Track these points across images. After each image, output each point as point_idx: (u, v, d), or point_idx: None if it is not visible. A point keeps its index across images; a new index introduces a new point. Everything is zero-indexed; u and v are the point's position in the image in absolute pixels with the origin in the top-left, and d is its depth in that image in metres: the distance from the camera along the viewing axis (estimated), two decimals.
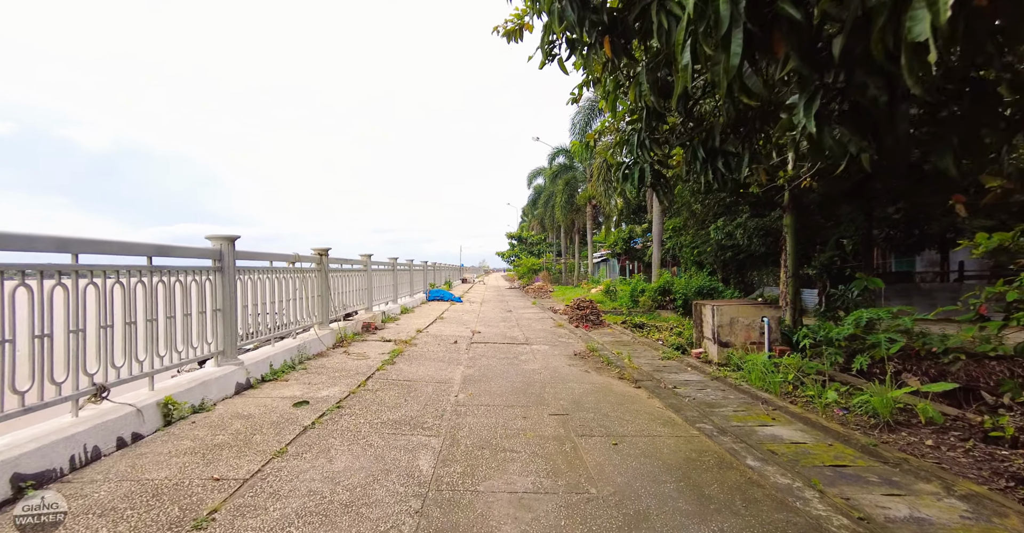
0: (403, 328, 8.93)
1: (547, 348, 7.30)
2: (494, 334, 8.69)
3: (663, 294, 13.47)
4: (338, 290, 7.50)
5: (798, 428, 3.92)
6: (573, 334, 9.01)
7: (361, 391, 4.43)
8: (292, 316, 5.63)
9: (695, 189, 10.10)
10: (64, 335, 2.62)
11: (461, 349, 6.97)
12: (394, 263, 11.84)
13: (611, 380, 5.30)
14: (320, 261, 6.67)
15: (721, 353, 7.29)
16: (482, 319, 11.32)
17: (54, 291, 2.54)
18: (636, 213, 28.95)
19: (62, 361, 2.59)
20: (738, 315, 7.41)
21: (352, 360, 5.80)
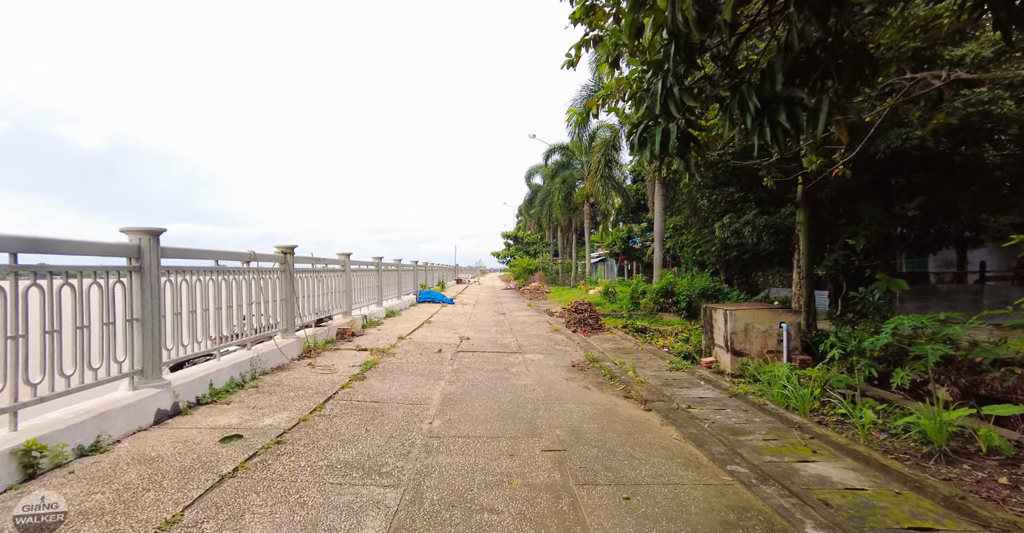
0: (384, 334, 8.15)
1: (542, 358, 6.54)
2: (484, 341, 7.93)
3: (666, 296, 12.75)
4: (308, 293, 6.72)
5: (848, 465, 3.18)
6: (570, 340, 8.26)
7: (315, 418, 3.66)
8: (246, 324, 4.85)
9: (700, 184, 9.39)
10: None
11: (445, 359, 6.20)
12: (379, 263, 11.06)
13: (615, 399, 4.55)
14: (284, 260, 5.89)
15: (735, 363, 6.57)
16: (473, 323, 10.55)
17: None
18: (635, 212, 28.28)
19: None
20: (754, 321, 6.69)
21: (316, 375, 5.03)
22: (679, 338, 9.05)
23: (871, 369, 5.18)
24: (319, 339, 6.60)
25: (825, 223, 10.89)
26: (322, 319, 7.26)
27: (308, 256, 6.82)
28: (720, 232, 11.67)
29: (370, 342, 7.19)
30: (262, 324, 5.29)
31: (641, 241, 26.94)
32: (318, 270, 7.25)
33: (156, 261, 3.43)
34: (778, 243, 10.81)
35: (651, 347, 8.07)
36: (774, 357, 6.59)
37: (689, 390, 5.32)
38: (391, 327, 9.15)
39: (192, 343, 3.98)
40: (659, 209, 13.39)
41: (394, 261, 13.38)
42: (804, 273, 9.34)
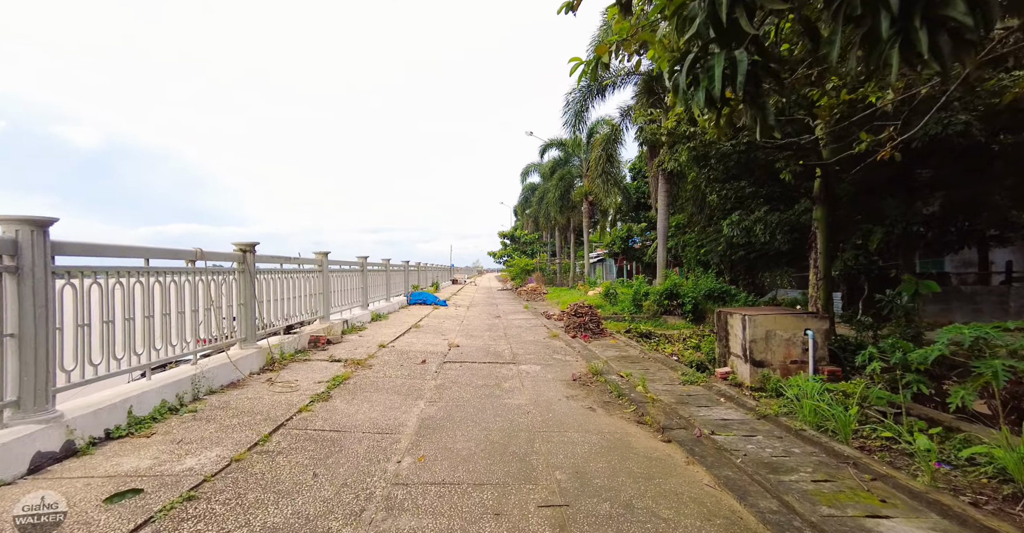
0: (365, 341, 7.39)
1: (539, 369, 5.80)
2: (475, 349, 7.18)
3: (670, 298, 12.04)
4: (276, 296, 5.96)
5: (937, 525, 2.45)
6: (570, 348, 7.52)
7: (253, 456, 2.91)
8: (188, 334, 4.09)
9: (711, 177, 8.69)
10: None
11: (429, 372, 5.45)
12: (363, 263, 10.29)
13: (627, 425, 3.81)
14: (243, 259, 5.13)
15: (755, 374, 5.86)
16: (465, 327, 9.81)
17: None
18: (634, 211, 27.60)
19: None
20: (776, 327, 5.98)
21: (272, 394, 4.27)
22: (688, 345, 8.33)
23: (920, 385, 4.47)
24: (287, 349, 5.84)
25: (841, 221, 10.18)
26: (293, 326, 6.49)
27: (275, 255, 6.06)
28: (728, 230, 10.97)
29: (347, 351, 6.43)
30: (213, 334, 4.53)
31: (641, 241, 26.27)
32: (289, 271, 6.49)
33: (43, 260, 2.67)
34: (792, 242, 10.12)
35: (659, 355, 7.34)
36: (798, 368, 5.89)
37: (709, 410, 4.59)
38: (374, 332, 8.39)
39: (107, 361, 3.21)
40: (662, 206, 12.68)
41: (382, 261, 12.62)
42: (822, 274, 8.63)
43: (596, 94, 13.07)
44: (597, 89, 13.02)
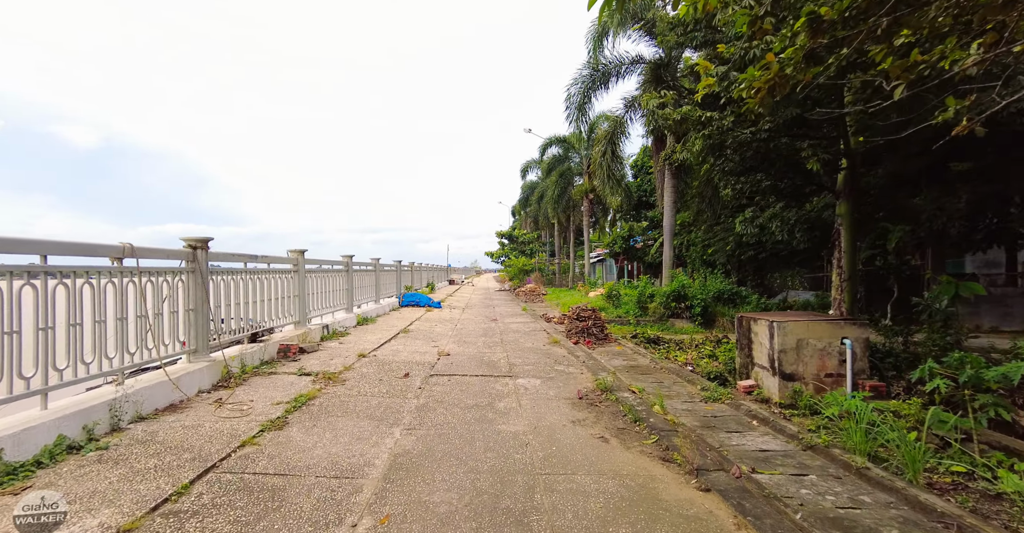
0: (345, 349, 6.63)
1: (539, 384, 5.05)
2: (468, 358, 6.43)
3: (677, 300, 11.30)
4: (237, 300, 5.20)
5: None
6: (573, 356, 6.77)
7: (153, 522, 2.16)
8: (111, 348, 3.33)
9: (726, 170, 7.96)
10: None
11: (411, 389, 4.70)
12: (348, 262, 9.53)
13: (650, 464, 3.06)
14: (193, 258, 4.37)
15: (784, 389, 5.14)
16: (459, 332, 9.05)
17: None
18: (636, 209, 26.88)
19: None
20: (808, 336, 5.26)
21: (217, 420, 3.51)
22: (702, 353, 7.60)
23: (999, 410, 3.74)
24: (249, 360, 5.08)
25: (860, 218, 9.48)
26: (260, 333, 5.73)
27: (238, 252, 5.30)
28: (741, 228, 10.24)
29: (320, 362, 5.66)
30: (149, 346, 3.77)
31: (643, 240, 25.55)
32: (257, 271, 5.73)
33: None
34: (812, 240, 9.39)
35: (672, 365, 6.60)
36: (834, 382, 5.16)
37: (742, 436, 3.85)
38: (357, 339, 7.63)
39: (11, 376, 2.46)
40: (669, 202, 11.95)
41: (371, 260, 11.85)
42: (847, 274, 7.91)
43: (599, 84, 12.33)
44: (600, 78, 12.27)
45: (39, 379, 2.79)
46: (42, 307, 2.82)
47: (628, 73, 12.25)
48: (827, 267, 13.36)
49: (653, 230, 25.72)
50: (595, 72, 12.47)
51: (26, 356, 2.71)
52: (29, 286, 2.76)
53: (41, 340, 2.78)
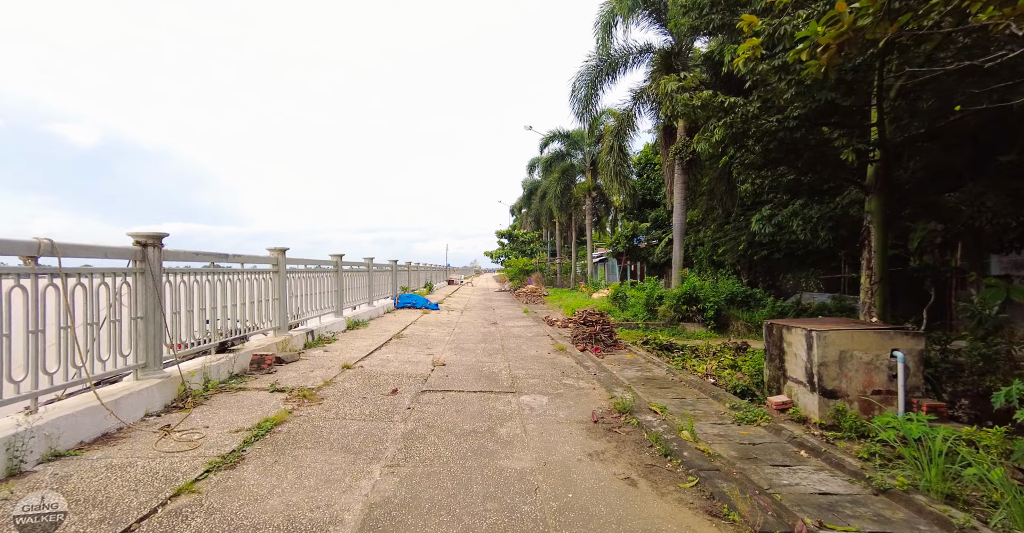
0: (329, 359, 5.98)
1: (546, 403, 4.40)
2: (466, 369, 5.78)
3: (688, 303, 10.66)
4: (202, 304, 4.54)
5: None
6: (582, 367, 6.12)
7: None
8: (15, 370, 2.67)
9: (747, 162, 7.31)
10: None
11: (398, 410, 4.05)
12: (338, 262, 8.87)
13: (695, 522, 2.40)
14: (143, 257, 3.72)
15: (824, 407, 4.51)
16: (456, 337, 8.41)
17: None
18: (639, 208, 26.25)
19: None
20: (852, 347, 4.63)
21: (156, 455, 2.86)
22: (722, 362, 6.95)
23: None
24: (215, 374, 4.43)
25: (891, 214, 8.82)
26: (232, 341, 5.07)
27: (203, 251, 4.65)
28: (758, 226, 9.60)
29: (298, 376, 5.01)
30: (78, 363, 3.11)
31: (646, 240, 24.92)
32: (229, 272, 5.08)
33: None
34: (838, 239, 8.74)
35: (691, 377, 5.95)
36: (882, 400, 4.53)
37: (792, 472, 3.21)
38: (345, 346, 6.98)
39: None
40: (678, 199, 11.30)
41: (364, 259, 11.20)
42: (878, 276, 7.26)
43: (606, 75, 11.68)
44: (607, 69, 11.62)
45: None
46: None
47: (637, 63, 11.60)
48: (844, 268, 12.72)
49: (657, 229, 25.10)
50: (601, 62, 11.82)
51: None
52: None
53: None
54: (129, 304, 3.63)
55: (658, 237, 24.22)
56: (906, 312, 8.20)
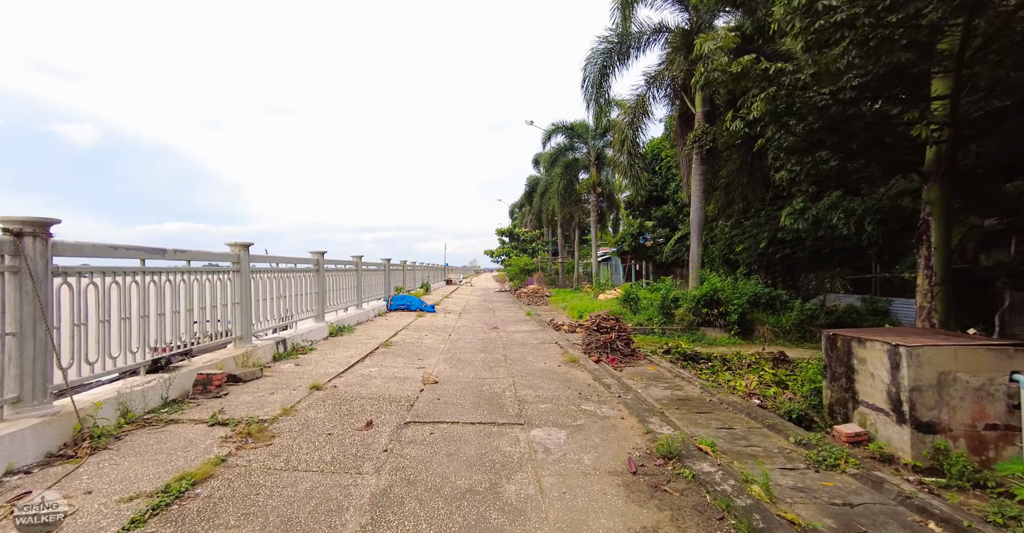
0: (298, 375, 4.99)
1: (564, 440, 3.42)
2: (462, 387, 4.80)
3: (709, 305, 9.67)
4: (123, 313, 3.55)
5: None
6: (601, 385, 5.14)
7: None
8: None
9: (787, 146, 6.33)
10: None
11: (371, 454, 3.06)
12: (320, 260, 7.88)
13: None
14: (17, 250, 2.73)
15: (919, 444, 3.54)
16: (452, 345, 7.42)
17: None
18: (645, 205, 25.27)
19: None
20: (955, 367, 3.66)
21: None
22: (762, 378, 5.95)
23: None
24: (139, 403, 3.44)
25: None
26: (167, 359, 4.07)
27: (128, 246, 3.65)
28: (789, 221, 8.62)
29: (252, 400, 4.02)
30: None
31: (653, 238, 23.94)
32: (168, 271, 4.08)
33: None
34: (887, 234, 7.73)
35: (732, 398, 4.97)
36: (1000, 438, 3.57)
37: None
38: (322, 358, 5.99)
39: None
40: (697, 192, 10.31)
41: (353, 258, 10.21)
42: (939, 276, 6.28)
43: (619, 58, 10.70)
44: (619, 52, 10.64)
45: None
46: None
47: (651, 43, 10.61)
48: (875, 267, 11.73)
49: (664, 227, 24.12)
50: (613, 45, 10.82)
51: None
52: None
53: None
54: (7, 318, 2.64)
55: (665, 235, 23.24)
56: (970, 317, 7.20)
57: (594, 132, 19.96)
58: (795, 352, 7.85)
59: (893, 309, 10.67)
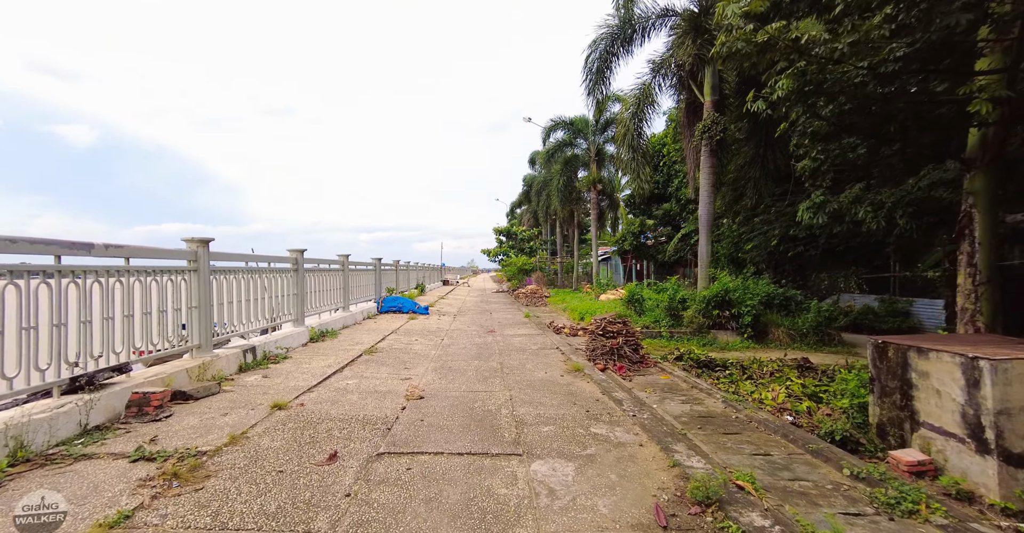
0: (264, 389, 4.33)
1: (572, 478, 2.76)
2: (451, 404, 4.14)
3: (720, 307, 9.04)
4: (27, 322, 2.88)
5: None
6: (611, 400, 4.48)
7: None
8: None
9: (814, 132, 5.70)
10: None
11: (329, 501, 2.40)
12: (298, 258, 7.20)
13: None
14: None
15: (1009, 481, 2.90)
16: (444, 352, 6.76)
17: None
18: (646, 203, 24.67)
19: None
20: None
21: None
22: (788, 388, 5.30)
23: None
24: (41, 433, 2.77)
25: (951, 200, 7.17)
26: (89, 377, 3.39)
27: (41, 239, 2.99)
28: (807, 215, 7.98)
29: (199, 424, 3.35)
30: None
31: (654, 237, 23.33)
32: (106, 270, 3.41)
33: None
34: (921, 228, 7.07)
35: (760, 414, 4.32)
36: None
37: None
38: (296, 367, 5.32)
39: None
40: (706, 186, 9.67)
41: (338, 257, 9.54)
42: (984, 275, 5.63)
43: (622, 44, 10.07)
44: (622, 37, 10.01)
45: None
46: None
47: (656, 28, 9.98)
48: (894, 266, 11.11)
49: (666, 226, 23.51)
50: (614, 30, 10.18)
51: None
52: None
53: None
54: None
55: (667, 234, 22.63)
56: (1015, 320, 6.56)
57: (594, 127, 19.32)
58: (817, 358, 7.22)
59: (915, 310, 10.06)
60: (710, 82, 9.59)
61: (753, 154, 10.10)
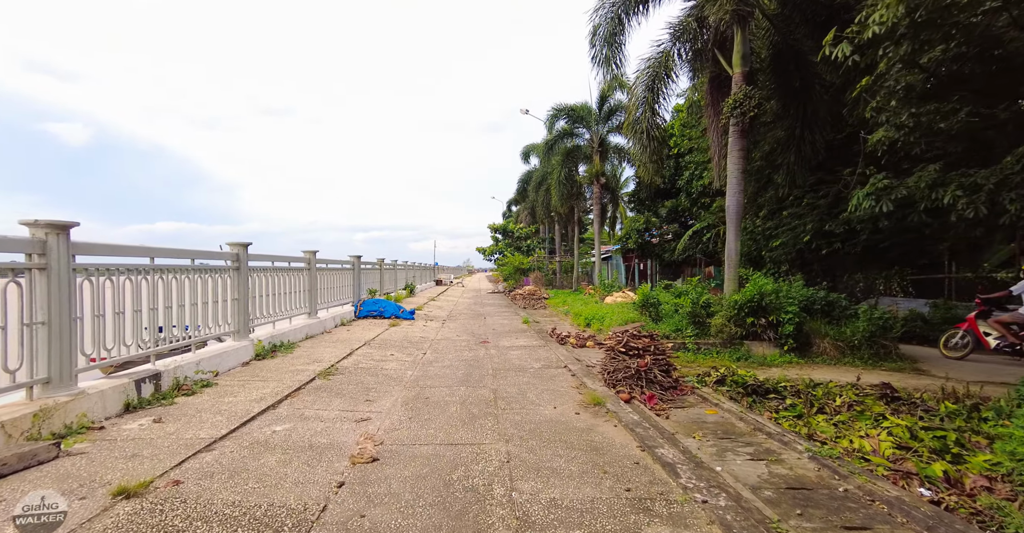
0: (141, 444, 2.88)
1: None
2: (416, 473, 2.70)
3: (754, 314, 7.65)
4: None
5: None
6: (654, 459, 3.05)
7: None
8: None
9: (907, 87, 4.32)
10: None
11: None
12: (241, 254, 5.73)
13: None
14: None
15: None
16: (423, 373, 5.33)
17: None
18: (651, 199, 23.28)
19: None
20: None
21: None
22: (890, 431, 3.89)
23: None
24: None
25: None
26: None
27: None
28: (867, 203, 6.58)
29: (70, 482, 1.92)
30: None
31: (660, 234, 21.98)
32: None
33: None
34: (973, 223, 5.74)
35: (880, 486, 2.90)
36: None
37: None
38: (214, 402, 3.87)
39: None
40: (735, 172, 8.27)
41: (304, 253, 8.07)
42: None
43: (636, 4, 8.65)
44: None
45: None
46: None
47: None
48: (950, 266, 9.76)
49: (672, 223, 22.15)
50: None
51: None
52: None
53: None
54: None
55: (674, 231, 21.28)
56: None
57: (597, 115, 17.91)
58: (881, 376, 5.88)
59: None
60: (740, 51, 8.20)
61: (786, 137, 8.73)
